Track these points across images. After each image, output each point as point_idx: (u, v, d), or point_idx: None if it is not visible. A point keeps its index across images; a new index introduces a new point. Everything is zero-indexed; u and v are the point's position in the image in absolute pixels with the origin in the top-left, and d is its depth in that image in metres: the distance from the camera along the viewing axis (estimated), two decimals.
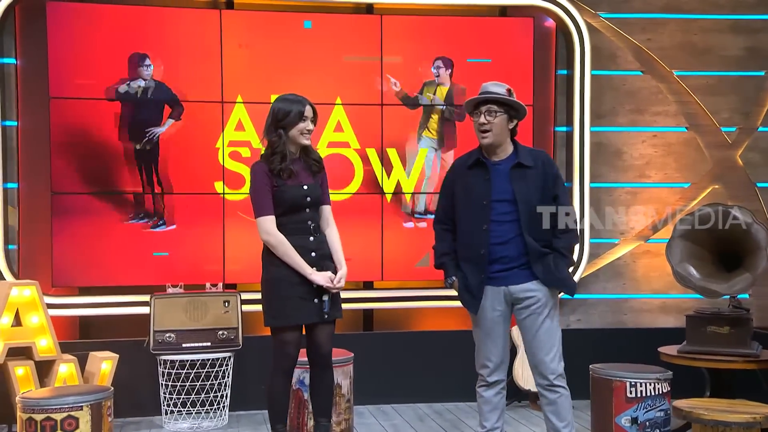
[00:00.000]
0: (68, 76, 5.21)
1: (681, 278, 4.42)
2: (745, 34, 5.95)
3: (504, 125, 3.57)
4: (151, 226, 5.31)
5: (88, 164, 5.24)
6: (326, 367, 3.80)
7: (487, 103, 3.55)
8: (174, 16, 5.36)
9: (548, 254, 3.53)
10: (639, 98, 5.92)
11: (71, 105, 5.21)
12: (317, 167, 3.76)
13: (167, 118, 5.34)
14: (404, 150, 5.64)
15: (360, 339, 5.49)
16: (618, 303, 5.89)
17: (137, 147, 5.30)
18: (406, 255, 5.64)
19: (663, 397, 4.11)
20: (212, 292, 5.02)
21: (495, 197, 3.54)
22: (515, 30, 5.76)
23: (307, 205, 3.69)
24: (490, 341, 3.63)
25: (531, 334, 3.57)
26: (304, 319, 3.67)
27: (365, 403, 5.41)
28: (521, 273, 3.53)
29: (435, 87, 5.64)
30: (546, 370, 3.55)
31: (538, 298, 3.53)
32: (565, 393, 3.59)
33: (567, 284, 3.60)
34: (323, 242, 3.74)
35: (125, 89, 5.27)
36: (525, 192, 3.53)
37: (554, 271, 3.52)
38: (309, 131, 3.70)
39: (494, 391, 3.67)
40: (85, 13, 5.24)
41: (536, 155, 3.64)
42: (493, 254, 3.53)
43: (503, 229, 3.52)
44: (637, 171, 5.92)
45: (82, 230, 5.22)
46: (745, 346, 4.27)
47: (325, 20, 5.57)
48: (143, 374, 5.01)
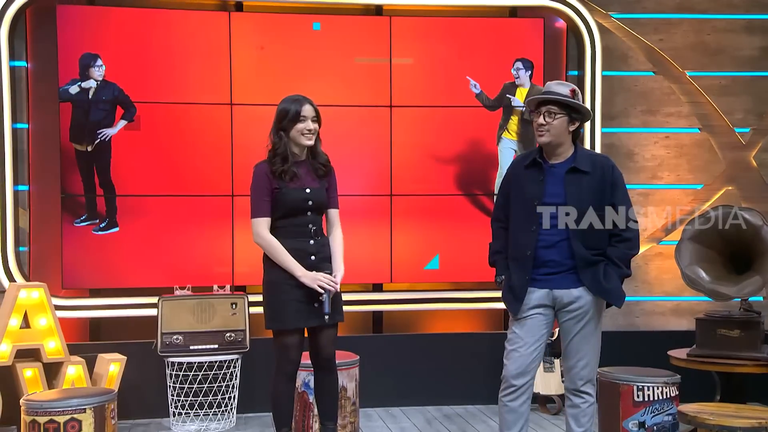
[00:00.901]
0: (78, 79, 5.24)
1: (690, 281, 4.37)
2: (759, 34, 5.89)
3: (563, 127, 3.45)
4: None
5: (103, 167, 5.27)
6: (329, 370, 3.78)
7: (548, 104, 3.45)
8: (182, 18, 5.37)
9: (599, 262, 3.42)
10: (651, 99, 5.87)
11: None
12: (323, 171, 3.72)
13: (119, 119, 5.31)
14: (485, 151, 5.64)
15: (369, 341, 5.48)
16: (630, 305, 5.83)
17: (80, 148, 5.27)
18: (414, 257, 5.62)
19: (671, 401, 4.06)
20: (220, 294, 5.02)
21: (546, 200, 3.45)
22: (525, 31, 5.72)
23: (308, 208, 3.67)
24: (524, 342, 3.47)
25: (568, 338, 3.50)
26: (303, 322, 3.65)
27: (374, 405, 5.39)
28: (568, 278, 3.43)
29: (515, 88, 5.61)
30: (575, 376, 3.50)
31: (581, 304, 3.43)
32: (591, 400, 3.53)
33: (613, 295, 3.44)
34: (325, 245, 3.72)
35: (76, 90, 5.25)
36: (577, 197, 3.41)
37: (602, 280, 3.41)
38: (309, 131, 3.64)
39: (521, 400, 3.48)
40: (95, 15, 5.28)
41: (596, 160, 3.52)
42: (539, 257, 3.44)
43: (551, 233, 3.43)
44: (650, 172, 5.87)
45: (93, 232, 5.24)
46: (755, 350, 4.21)
47: (334, 22, 5.56)
48: (151, 376, 5.02)
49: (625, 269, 3.48)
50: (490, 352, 5.25)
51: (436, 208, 5.63)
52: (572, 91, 3.45)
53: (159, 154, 5.34)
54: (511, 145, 5.63)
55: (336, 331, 3.76)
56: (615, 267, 3.44)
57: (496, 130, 5.65)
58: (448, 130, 5.65)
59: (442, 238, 5.65)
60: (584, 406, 3.52)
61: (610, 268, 3.43)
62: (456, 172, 5.66)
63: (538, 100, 3.50)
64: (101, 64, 5.25)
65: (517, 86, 5.63)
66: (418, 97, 5.62)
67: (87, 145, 5.26)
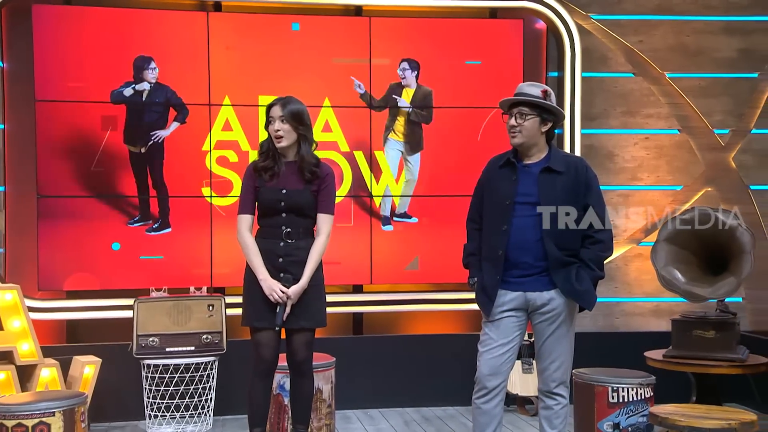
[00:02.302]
0: (55, 79, 5.20)
1: (666, 282, 4.37)
2: (737, 35, 5.89)
3: (535, 128, 3.45)
4: (146, 230, 5.31)
5: (76, 167, 5.23)
6: (302, 374, 3.76)
7: (519, 105, 3.45)
8: (160, 18, 5.34)
9: (572, 264, 3.41)
10: (631, 100, 5.87)
11: (58, 108, 5.20)
12: (309, 176, 3.66)
13: (172, 121, 5.35)
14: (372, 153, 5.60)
15: (348, 343, 5.46)
16: (609, 306, 5.84)
17: (135, 150, 5.29)
18: (395, 258, 5.61)
19: (646, 402, 4.06)
20: (196, 296, 4.99)
21: (519, 199, 3.43)
22: (505, 32, 5.72)
23: (282, 209, 3.65)
24: (497, 344, 3.46)
25: (541, 340, 3.49)
26: (264, 323, 3.64)
27: (352, 407, 5.38)
28: (540, 280, 3.42)
29: (401, 89, 5.59)
30: (548, 377, 3.50)
31: (553, 306, 3.42)
32: (564, 402, 3.52)
33: (585, 298, 3.41)
34: (299, 249, 3.67)
35: (130, 92, 5.29)
36: (551, 197, 3.40)
37: (574, 282, 3.39)
38: (276, 132, 3.63)
39: (494, 402, 3.47)
40: (72, 15, 5.24)
41: (570, 161, 3.51)
42: (511, 258, 3.42)
43: (525, 233, 3.41)
44: (629, 173, 5.88)
45: (69, 233, 5.20)
46: (730, 351, 4.21)
47: (313, 22, 5.55)
48: (127, 378, 4.98)
49: (598, 271, 3.45)
50: (470, 354, 5.12)
51: (417, 209, 5.62)
52: (544, 92, 3.45)
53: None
54: (397, 146, 5.60)
55: (310, 336, 3.73)
56: (587, 269, 3.42)
57: (480, 131, 5.64)
58: (429, 132, 5.63)
59: (423, 239, 5.64)
60: (557, 407, 3.51)
61: (582, 270, 3.42)
62: (436, 174, 5.64)
63: (509, 102, 3.49)
64: (155, 66, 5.29)
65: (403, 87, 5.59)
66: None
67: (141, 147, 5.29)
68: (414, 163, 5.61)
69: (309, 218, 3.70)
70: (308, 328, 3.69)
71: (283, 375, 4.18)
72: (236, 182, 5.34)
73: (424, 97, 5.61)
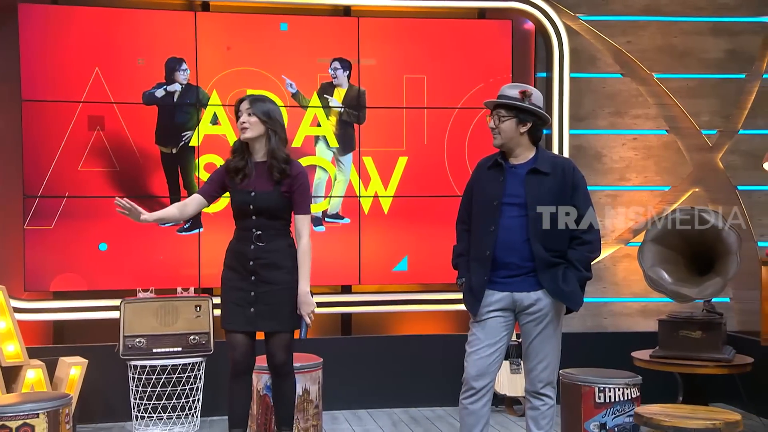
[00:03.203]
0: (41, 79, 5.18)
1: (652, 282, 4.38)
2: (725, 36, 5.91)
3: (513, 129, 3.44)
4: (176, 230, 5.34)
5: (63, 167, 5.20)
6: (281, 376, 3.73)
7: (498, 107, 3.48)
8: (148, 18, 5.32)
9: (559, 264, 3.41)
10: (619, 101, 5.88)
11: (44, 107, 5.18)
12: (278, 176, 3.60)
13: None
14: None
15: (336, 343, 5.45)
16: (598, 307, 5.84)
17: (166, 151, 5.31)
18: (383, 258, 5.60)
19: (632, 402, 4.06)
20: (183, 297, 4.97)
21: (506, 200, 3.43)
22: (494, 32, 5.71)
23: (251, 212, 3.62)
24: (484, 344, 3.46)
25: (528, 340, 3.49)
26: (233, 325, 3.64)
27: (341, 408, 5.37)
28: (527, 281, 3.41)
29: (333, 89, 5.57)
30: (535, 378, 3.49)
31: (540, 307, 3.41)
32: (550, 403, 3.52)
33: (571, 298, 3.40)
34: (269, 252, 3.61)
35: (162, 93, 5.32)
36: (537, 198, 3.40)
37: (560, 283, 3.38)
38: (242, 123, 3.60)
39: (482, 402, 3.47)
40: (59, 15, 5.22)
41: (557, 163, 3.51)
42: (499, 258, 3.42)
43: (512, 234, 3.41)
44: (617, 174, 5.88)
45: (56, 234, 5.18)
46: (716, 351, 4.22)
47: (301, 22, 5.53)
48: (114, 380, 4.96)
49: (585, 272, 3.45)
50: (458, 354, 5.09)
51: (405, 209, 5.61)
52: (522, 92, 3.45)
53: (122, 155, 5.30)
54: (327, 147, 5.58)
55: (286, 338, 3.67)
56: (574, 270, 3.41)
57: (468, 131, 5.63)
58: (416, 132, 5.63)
59: (411, 239, 5.63)
60: (544, 408, 3.50)
61: (569, 270, 3.41)
62: (424, 174, 5.64)
63: (492, 105, 3.52)
64: (186, 68, 5.31)
65: (335, 86, 5.57)
66: (387, 98, 5.60)
67: (172, 148, 5.31)
68: (346, 164, 5.57)
69: (280, 219, 3.66)
70: (281, 331, 3.65)
71: (269, 376, 4.15)
72: None
73: (357, 96, 5.57)
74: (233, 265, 3.66)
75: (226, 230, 5.25)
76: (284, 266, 3.63)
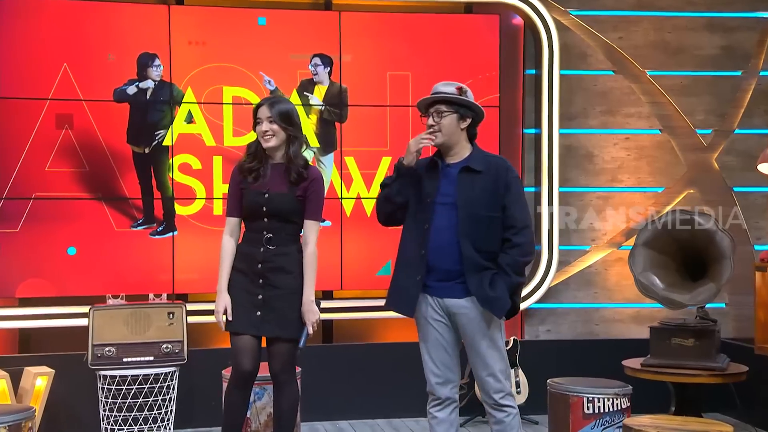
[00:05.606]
0: (6, 75, 4.98)
1: (644, 288, 4.22)
2: (720, 32, 5.76)
3: (454, 125, 3.38)
4: (149, 233, 5.17)
5: (30, 167, 5.01)
6: (278, 386, 3.59)
7: (436, 104, 3.40)
8: (120, 11, 5.14)
9: (488, 269, 3.29)
10: (610, 99, 5.72)
11: (9, 105, 4.99)
12: (295, 177, 3.52)
13: None
14: None
15: (316, 351, 5.26)
16: (589, 312, 5.68)
17: (138, 150, 5.15)
18: (366, 263, 5.42)
19: (622, 413, 3.93)
20: (156, 303, 4.78)
21: (439, 199, 3.36)
22: (480, 28, 5.55)
23: (263, 214, 3.52)
24: (434, 353, 3.40)
25: (472, 352, 3.38)
26: (238, 326, 3.52)
27: (321, 419, 5.21)
28: (457, 287, 3.31)
29: (313, 86, 5.39)
30: (490, 389, 3.35)
31: (470, 315, 3.30)
32: (513, 412, 3.38)
33: (496, 305, 3.26)
34: (279, 255, 3.52)
35: (134, 90, 5.14)
36: (469, 197, 3.32)
37: (487, 289, 3.26)
38: (264, 132, 3.50)
39: (449, 410, 3.42)
40: (31, 6, 5.02)
41: (491, 161, 3.42)
42: (431, 260, 3.33)
43: (443, 234, 3.32)
44: (609, 175, 5.72)
45: (22, 237, 4.99)
46: (710, 359, 4.08)
47: (280, 17, 5.36)
48: (83, 390, 4.77)
49: (515, 277, 3.31)
50: None
51: None
52: (458, 88, 3.40)
53: (92, 155, 5.11)
54: (309, 146, 5.40)
55: (285, 347, 3.53)
56: (504, 275, 3.29)
57: None
58: (401, 131, 5.44)
59: (395, 243, 5.42)
60: (508, 419, 3.36)
61: (498, 276, 3.29)
62: None
63: (426, 102, 3.43)
64: (159, 64, 5.13)
65: (315, 83, 5.39)
66: (370, 96, 5.43)
67: (144, 147, 5.14)
68: (327, 164, 5.39)
69: (293, 223, 3.57)
70: (285, 338, 3.52)
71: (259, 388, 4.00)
72: (197, 187, 5.23)
73: (338, 94, 5.39)
74: (241, 268, 3.56)
75: (201, 233, 5.20)
76: (293, 271, 3.54)
